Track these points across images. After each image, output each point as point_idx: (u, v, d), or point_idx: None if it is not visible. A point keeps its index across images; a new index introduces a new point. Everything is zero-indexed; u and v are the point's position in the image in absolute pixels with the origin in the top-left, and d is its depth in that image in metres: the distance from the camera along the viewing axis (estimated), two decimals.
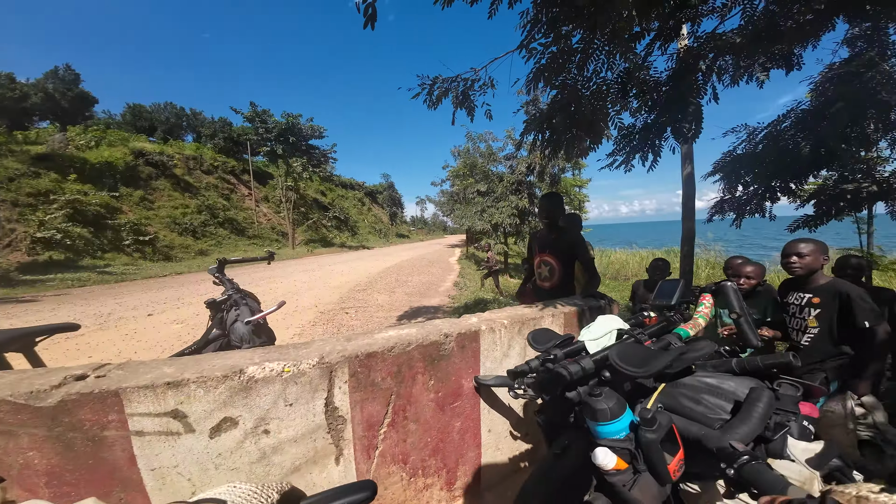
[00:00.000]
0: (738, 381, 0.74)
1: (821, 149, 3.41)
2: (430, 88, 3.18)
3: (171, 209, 18.97)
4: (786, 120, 3.81)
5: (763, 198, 4.18)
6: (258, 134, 22.82)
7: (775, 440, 0.68)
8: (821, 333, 1.72)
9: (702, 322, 0.87)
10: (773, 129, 3.90)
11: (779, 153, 3.68)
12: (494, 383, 1.26)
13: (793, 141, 3.60)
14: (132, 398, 0.88)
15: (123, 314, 6.01)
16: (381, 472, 1.24)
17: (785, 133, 3.73)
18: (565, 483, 0.70)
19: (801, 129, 3.56)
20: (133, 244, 15.18)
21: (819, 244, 1.76)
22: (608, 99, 3.10)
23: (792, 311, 1.86)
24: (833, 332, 1.69)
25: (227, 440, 0.95)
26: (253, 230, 23.01)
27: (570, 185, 16.10)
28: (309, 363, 1.00)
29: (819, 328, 1.72)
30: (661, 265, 3.02)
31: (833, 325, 1.69)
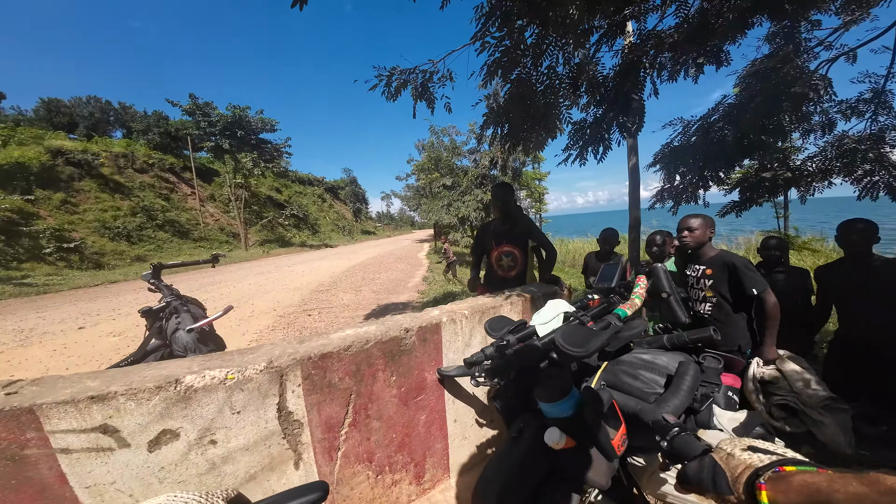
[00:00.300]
0: (670, 356, 0.81)
1: (744, 140, 3.79)
2: (388, 80, 3.11)
3: (100, 212, 16.96)
4: (715, 113, 4.17)
5: (697, 186, 4.57)
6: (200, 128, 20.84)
7: (702, 411, 0.74)
8: (718, 303, 1.82)
9: (637, 302, 0.94)
10: (704, 122, 4.27)
11: (709, 144, 4.03)
12: (457, 373, 1.27)
13: (721, 133, 3.95)
14: (51, 415, 0.80)
15: (49, 328, 5.34)
16: (345, 473, 1.21)
17: (714, 125, 4.09)
18: (521, 465, 0.72)
19: (728, 121, 3.93)
20: (55, 252, 13.40)
21: (707, 219, 1.90)
22: (560, 94, 3.22)
23: (690, 282, 1.96)
24: (728, 301, 1.79)
25: (170, 453, 0.87)
26: (199, 232, 21.21)
27: (531, 179, 16.62)
28: (256, 368, 0.94)
29: (716, 298, 1.82)
30: (610, 235, 3.13)
31: (727, 295, 1.78)
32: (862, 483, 0.30)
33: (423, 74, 3.18)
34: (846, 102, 3.69)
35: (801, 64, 3.47)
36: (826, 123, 3.81)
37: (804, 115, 3.66)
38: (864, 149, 3.46)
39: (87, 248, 14.75)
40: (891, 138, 3.43)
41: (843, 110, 3.70)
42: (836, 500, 0.31)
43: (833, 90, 3.53)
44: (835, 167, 3.77)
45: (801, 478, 0.37)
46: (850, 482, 0.31)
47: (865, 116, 3.62)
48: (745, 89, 3.84)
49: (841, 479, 0.33)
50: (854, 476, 0.32)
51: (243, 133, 21.72)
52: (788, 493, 0.37)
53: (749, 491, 0.41)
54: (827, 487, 0.33)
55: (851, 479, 0.32)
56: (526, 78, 3.04)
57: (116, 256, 15.51)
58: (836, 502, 0.31)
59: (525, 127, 3.41)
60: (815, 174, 4.00)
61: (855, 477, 0.32)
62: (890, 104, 3.53)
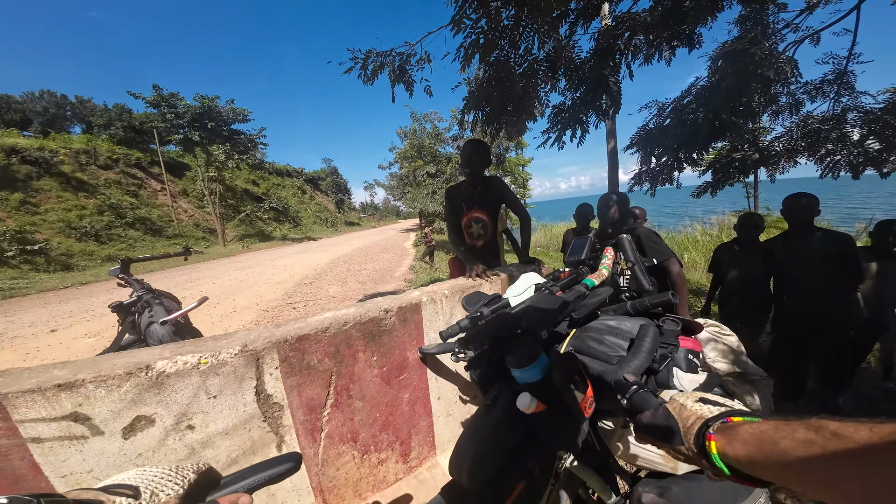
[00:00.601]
0: (633, 322, 0.85)
1: (715, 121, 3.89)
2: (364, 63, 3.03)
3: (63, 212, 16.05)
4: (688, 96, 4.25)
5: (672, 168, 4.68)
6: (166, 120, 19.71)
7: (661, 371, 0.78)
8: (633, 274, 1.87)
9: (605, 272, 0.98)
10: (677, 104, 4.35)
11: (682, 126, 4.11)
12: (438, 351, 1.30)
13: (694, 115, 4.04)
14: (18, 404, 0.78)
15: (19, 332, 5.13)
16: (330, 454, 1.23)
17: (687, 108, 4.18)
18: (495, 432, 0.74)
19: (700, 103, 4.01)
20: (19, 255, 12.65)
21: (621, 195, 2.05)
22: (538, 76, 3.22)
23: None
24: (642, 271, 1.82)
25: (146, 439, 0.87)
26: (172, 229, 20.37)
27: (514, 165, 16.67)
28: (230, 352, 0.93)
29: (630, 269, 1.89)
30: (585, 210, 3.21)
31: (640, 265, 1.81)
32: (807, 429, 0.31)
33: (399, 57, 3.11)
34: (811, 83, 3.82)
35: (770, 46, 3.55)
36: (793, 104, 3.94)
37: (773, 96, 3.77)
38: (827, 129, 3.60)
39: (53, 250, 13.98)
40: (852, 118, 3.57)
41: (809, 91, 3.83)
42: (784, 446, 0.32)
43: (799, 71, 3.65)
44: (800, 147, 3.93)
45: (747, 428, 0.38)
46: (795, 429, 0.32)
47: (829, 97, 3.77)
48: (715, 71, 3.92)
49: (786, 426, 0.33)
50: (799, 423, 0.32)
51: (214, 124, 20.73)
52: (735, 443, 0.38)
53: (699, 442, 0.43)
54: (773, 435, 0.34)
55: (796, 425, 0.32)
56: (504, 61, 3.02)
57: (86, 257, 14.77)
58: (783, 449, 0.32)
59: (506, 111, 3.41)
60: (782, 154, 4.16)
61: (800, 423, 0.32)
62: (852, 85, 3.66)
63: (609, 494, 0.93)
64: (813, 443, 0.30)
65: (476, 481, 0.68)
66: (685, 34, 3.14)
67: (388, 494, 1.40)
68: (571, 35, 3.32)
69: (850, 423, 0.29)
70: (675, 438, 0.48)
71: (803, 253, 2.03)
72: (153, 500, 0.36)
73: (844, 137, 3.54)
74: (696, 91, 4.12)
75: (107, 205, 17.95)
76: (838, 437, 0.29)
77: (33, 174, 16.52)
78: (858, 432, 0.28)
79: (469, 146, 2.06)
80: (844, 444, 0.28)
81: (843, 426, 0.29)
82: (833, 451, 0.28)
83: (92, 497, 0.33)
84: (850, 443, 0.28)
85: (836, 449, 0.28)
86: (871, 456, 0.26)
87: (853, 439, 0.28)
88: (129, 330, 1.70)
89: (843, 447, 0.28)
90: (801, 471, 0.31)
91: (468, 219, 2.15)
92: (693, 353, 0.90)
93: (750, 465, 0.37)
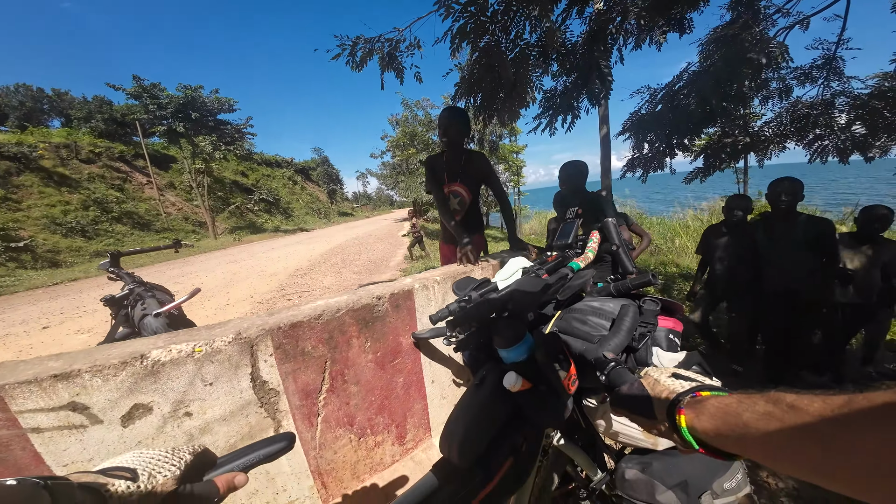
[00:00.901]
0: (616, 302, 0.88)
1: (706, 106, 3.90)
2: (353, 50, 2.97)
3: (47, 208, 15.64)
4: (679, 81, 4.24)
5: (664, 154, 4.70)
6: (149, 111, 19.18)
7: (640, 349, 0.81)
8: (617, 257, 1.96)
9: (590, 255, 1.01)
10: (669, 89, 4.34)
11: (674, 112, 4.12)
12: (430, 335, 1.33)
13: (686, 100, 4.04)
14: (15, 395, 0.79)
15: (10, 330, 5.09)
16: (327, 438, 1.26)
17: (679, 93, 4.17)
18: (483, 409, 0.76)
19: (691, 89, 4.01)
20: (3, 252, 12.37)
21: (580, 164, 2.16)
22: (530, 62, 3.18)
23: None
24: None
25: (145, 427, 0.89)
26: (160, 223, 19.99)
27: (508, 152, 16.57)
28: (224, 340, 0.95)
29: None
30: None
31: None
32: (766, 401, 0.33)
33: (389, 43, 3.05)
34: (801, 69, 3.84)
35: (761, 31, 3.55)
36: (783, 90, 3.95)
37: (763, 81, 3.78)
38: (816, 114, 3.64)
39: (39, 247, 13.68)
40: (840, 103, 3.61)
41: (798, 76, 3.85)
42: (746, 419, 0.34)
43: (790, 56, 3.66)
44: (789, 132, 3.97)
45: (713, 401, 0.40)
46: (756, 402, 0.34)
47: (818, 82, 3.79)
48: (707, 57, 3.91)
49: (748, 399, 0.35)
50: (759, 396, 0.34)
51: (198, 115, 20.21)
52: (702, 417, 0.40)
53: (670, 416, 0.45)
54: (736, 408, 0.36)
55: (757, 398, 0.34)
56: (495, 46, 2.97)
57: (73, 253, 14.49)
58: (745, 421, 0.34)
59: (498, 97, 3.38)
60: (772, 139, 4.20)
61: (760, 396, 0.34)
62: (840, 70, 3.68)
63: (595, 471, 0.97)
64: (772, 415, 0.31)
65: (465, 458, 0.69)
66: (676, 19, 3.11)
67: (386, 476, 1.44)
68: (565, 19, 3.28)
69: (805, 396, 0.30)
70: (648, 412, 0.50)
71: (784, 237, 2.07)
72: (151, 482, 0.38)
73: (832, 122, 3.58)
74: (688, 76, 4.11)
75: (92, 199, 17.53)
76: (794, 409, 0.30)
77: (13, 170, 16.02)
78: (812, 404, 0.29)
79: (446, 114, 1.92)
80: (800, 417, 0.29)
81: (799, 398, 0.30)
82: (790, 423, 0.30)
83: (92, 480, 0.34)
84: (805, 415, 0.29)
85: (793, 421, 0.29)
86: (824, 427, 0.27)
87: (807, 411, 0.29)
88: (123, 323, 1.70)
89: (799, 419, 0.29)
90: (762, 442, 0.32)
91: (448, 191, 2.06)
92: (674, 333, 0.94)
93: (716, 438, 0.38)
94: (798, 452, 0.29)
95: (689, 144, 4.76)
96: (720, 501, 0.78)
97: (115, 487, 0.35)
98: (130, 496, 0.35)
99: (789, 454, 0.30)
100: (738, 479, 0.80)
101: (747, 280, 2.32)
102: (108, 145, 22.01)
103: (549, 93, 3.72)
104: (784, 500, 1.43)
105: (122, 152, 22.27)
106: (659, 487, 0.78)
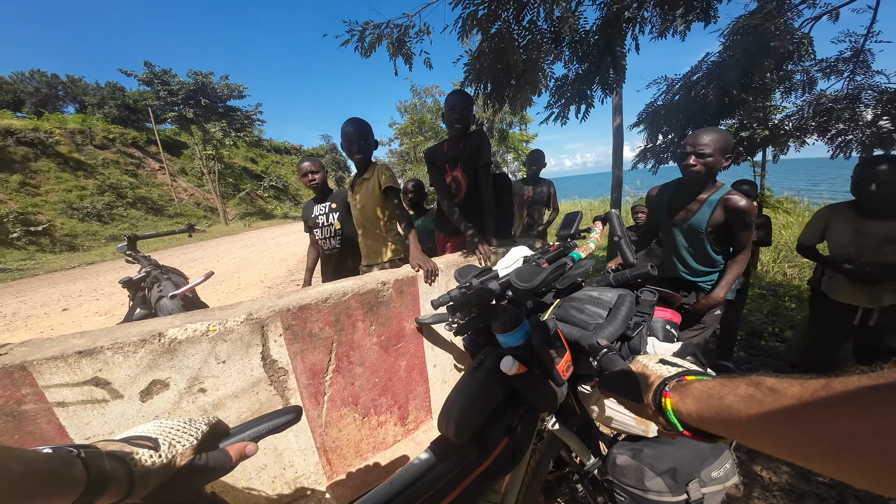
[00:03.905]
0: (614, 292, 0.89)
1: (725, 98, 3.77)
2: (361, 35, 2.94)
3: (64, 193, 16.06)
4: (698, 71, 4.10)
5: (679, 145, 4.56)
6: (160, 98, 19.28)
7: (634, 337, 0.83)
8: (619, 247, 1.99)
9: (592, 246, 1.02)
10: (686, 80, 4.21)
11: (691, 103, 3.99)
12: (433, 321, 1.36)
13: (704, 91, 3.92)
14: (42, 370, 0.84)
15: (32, 312, 5.28)
16: (333, 416, 1.32)
17: (697, 84, 4.05)
18: (480, 391, 0.79)
19: (710, 79, 3.88)
20: (24, 236, 12.79)
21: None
22: (542, 49, 3.11)
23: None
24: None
25: (162, 402, 0.94)
26: (173, 208, 20.40)
27: (518, 141, 16.28)
28: (236, 320, 0.99)
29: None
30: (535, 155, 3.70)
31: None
32: (748, 385, 0.34)
33: (398, 29, 3.01)
34: (826, 61, 3.69)
35: (785, 21, 3.40)
36: (807, 82, 3.81)
37: (786, 73, 3.65)
38: (840, 108, 3.51)
39: (57, 231, 14.12)
40: (866, 98, 3.48)
41: (823, 69, 3.70)
42: (729, 401, 0.35)
43: (813, 49, 3.51)
44: (810, 126, 3.84)
45: (698, 385, 0.42)
46: (738, 385, 0.35)
47: (843, 76, 3.65)
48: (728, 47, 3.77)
49: (730, 383, 0.37)
50: (741, 380, 0.36)
51: (208, 101, 20.27)
52: (687, 400, 0.42)
53: (656, 399, 0.47)
54: (719, 391, 0.37)
55: (739, 382, 0.36)
56: (506, 32, 2.91)
57: (90, 237, 14.92)
58: (728, 404, 0.35)
59: (509, 85, 3.33)
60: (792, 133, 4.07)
61: (742, 380, 0.35)
62: (868, 63, 3.54)
63: (588, 456, 0.99)
64: (752, 398, 0.33)
65: (462, 436, 0.72)
66: (702, 7, 3.00)
67: (388, 455, 1.50)
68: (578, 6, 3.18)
69: (785, 380, 0.31)
70: (636, 395, 0.52)
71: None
72: (171, 451, 0.41)
73: (857, 117, 3.46)
74: (707, 67, 3.98)
75: (107, 185, 17.93)
76: (774, 392, 0.31)
77: (30, 155, 16.43)
78: (791, 388, 0.30)
79: (458, 98, 1.84)
80: (779, 400, 0.30)
81: (779, 382, 0.31)
82: (770, 406, 0.31)
83: (118, 448, 0.38)
84: (784, 398, 0.30)
85: (773, 403, 0.31)
86: (802, 409, 0.28)
87: (786, 394, 0.30)
88: (140, 305, 1.78)
89: (779, 402, 0.30)
90: (744, 424, 0.34)
91: (450, 178, 1.99)
92: (671, 324, 0.95)
93: (700, 421, 0.40)
94: (777, 433, 0.30)
95: None
96: (708, 490, 0.79)
97: (140, 456, 0.38)
98: (153, 464, 0.39)
99: (769, 435, 0.31)
100: (726, 468, 0.82)
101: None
102: (122, 131, 22.38)
103: (560, 80, 3.65)
104: (777, 494, 1.44)
105: (135, 138, 22.62)
106: (648, 473, 0.80)
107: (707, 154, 1.45)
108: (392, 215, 1.86)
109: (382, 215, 1.84)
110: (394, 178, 1.81)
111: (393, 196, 1.76)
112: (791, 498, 1.42)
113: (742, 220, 1.49)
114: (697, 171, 1.48)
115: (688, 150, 1.52)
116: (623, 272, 0.90)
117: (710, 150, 1.44)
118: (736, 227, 1.52)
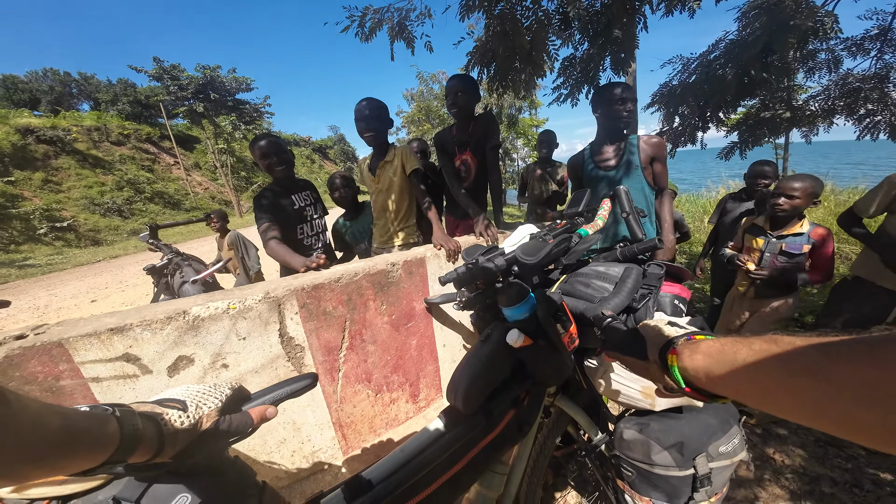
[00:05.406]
0: (621, 267, 0.89)
1: (745, 77, 3.60)
2: (361, 21, 2.92)
3: (85, 189, 16.60)
4: (715, 50, 3.91)
5: (696, 127, 4.41)
6: (171, 93, 19.57)
7: (640, 309, 0.83)
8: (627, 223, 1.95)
9: (600, 223, 1.02)
10: (703, 59, 4.02)
11: (709, 83, 3.82)
12: (441, 301, 1.39)
13: (722, 70, 3.74)
14: (78, 347, 0.90)
15: (63, 304, 5.57)
16: (347, 392, 1.38)
17: (715, 63, 3.86)
18: (487, 363, 0.81)
19: (729, 58, 3.70)
20: (50, 232, 13.36)
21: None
22: (549, 29, 3.02)
23: None
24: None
25: (187, 377, 1.01)
26: (189, 202, 20.89)
27: (528, 126, 15.97)
28: (255, 299, 1.04)
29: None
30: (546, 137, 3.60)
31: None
32: (764, 341, 0.33)
33: (398, 12, 2.97)
34: (851, 40, 3.49)
35: None
36: (832, 61, 3.62)
37: (809, 52, 3.47)
38: (868, 88, 3.34)
39: (81, 226, 14.67)
40: (894, 77, 3.30)
41: (849, 47, 3.51)
42: (742, 356, 0.34)
43: (839, 26, 3.32)
44: (838, 106, 3.66)
45: (709, 342, 0.41)
46: (752, 342, 0.34)
47: (871, 55, 3.45)
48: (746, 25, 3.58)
49: (744, 339, 0.36)
50: (756, 337, 0.34)
51: (217, 95, 20.46)
52: (696, 356, 0.41)
53: (662, 356, 0.46)
54: (733, 347, 0.36)
55: (753, 339, 0.34)
56: (509, 13, 2.84)
57: (112, 232, 15.46)
58: (742, 359, 0.34)
59: (513, 67, 3.25)
60: (818, 114, 3.88)
61: (757, 338, 0.34)
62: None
63: (595, 431, 1.00)
64: (769, 352, 0.32)
65: (469, 406, 0.74)
66: None
67: (400, 431, 1.56)
68: None
69: (804, 336, 0.31)
70: (640, 352, 0.51)
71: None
72: (198, 412, 0.45)
73: (885, 97, 3.28)
74: (725, 45, 3.79)
75: (125, 180, 18.44)
76: (793, 345, 0.30)
77: (50, 153, 16.96)
78: (812, 340, 0.29)
79: (454, 81, 1.82)
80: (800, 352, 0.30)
81: (797, 338, 0.31)
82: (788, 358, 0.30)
83: (150, 409, 0.41)
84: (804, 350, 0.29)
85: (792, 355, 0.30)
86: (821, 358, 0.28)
87: (807, 346, 0.29)
88: (164, 290, 1.87)
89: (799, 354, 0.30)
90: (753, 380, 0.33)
91: (459, 162, 2.00)
92: (679, 299, 0.95)
93: (708, 378, 0.39)
94: (794, 387, 0.29)
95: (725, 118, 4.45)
96: (715, 464, 0.78)
97: (169, 416, 0.42)
98: (181, 424, 0.42)
99: (783, 390, 0.30)
100: (734, 443, 0.81)
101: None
102: (136, 127, 22.87)
103: (567, 61, 3.54)
104: (790, 477, 1.42)
105: (149, 134, 23.09)
106: (655, 448, 0.79)
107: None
108: (412, 200, 1.88)
109: (405, 199, 1.85)
110: (417, 159, 1.82)
111: (417, 180, 1.78)
112: (804, 481, 1.39)
113: None
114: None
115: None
116: (630, 247, 0.90)
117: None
118: None
